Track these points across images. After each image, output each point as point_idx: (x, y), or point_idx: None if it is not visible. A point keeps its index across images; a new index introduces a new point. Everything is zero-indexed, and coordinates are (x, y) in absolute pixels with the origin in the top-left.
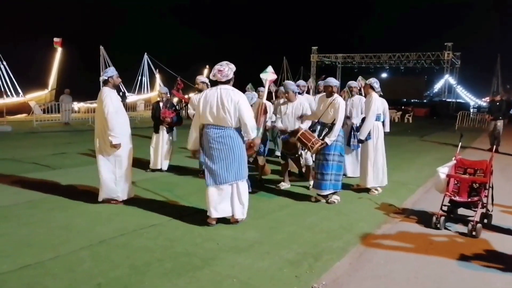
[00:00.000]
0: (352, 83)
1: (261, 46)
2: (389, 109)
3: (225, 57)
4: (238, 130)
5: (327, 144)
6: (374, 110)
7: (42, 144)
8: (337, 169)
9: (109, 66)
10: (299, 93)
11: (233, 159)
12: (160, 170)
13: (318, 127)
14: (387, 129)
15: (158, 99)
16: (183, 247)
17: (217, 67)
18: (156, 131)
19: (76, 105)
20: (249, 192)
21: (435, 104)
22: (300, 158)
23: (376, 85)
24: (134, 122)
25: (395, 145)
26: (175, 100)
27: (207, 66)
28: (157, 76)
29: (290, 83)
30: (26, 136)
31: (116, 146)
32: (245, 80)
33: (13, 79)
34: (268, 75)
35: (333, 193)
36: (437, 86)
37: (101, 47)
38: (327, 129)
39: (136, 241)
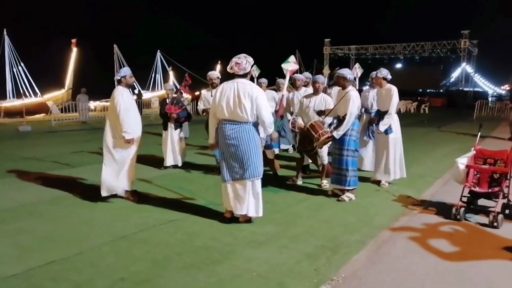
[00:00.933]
0: (373, 73)
1: (273, 40)
2: (404, 99)
3: (236, 52)
4: (255, 125)
5: (334, 137)
6: (396, 103)
7: (61, 142)
8: (352, 164)
9: (123, 65)
10: (304, 86)
11: (249, 155)
12: (176, 166)
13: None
14: None
15: (165, 96)
16: (202, 242)
17: (234, 59)
18: (165, 128)
19: (93, 104)
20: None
21: (452, 93)
22: (317, 156)
23: (389, 76)
24: (149, 119)
25: (411, 136)
26: (187, 96)
27: (220, 62)
28: (170, 73)
29: (319, 76)
30: (45, 135)
31: (130, 141)
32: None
33: (31, 80)
34: (290, 65)
35: (348, 190)
36: (454, 75)
37: (115, 46)
38: (337, 122)
39: (156, 236)
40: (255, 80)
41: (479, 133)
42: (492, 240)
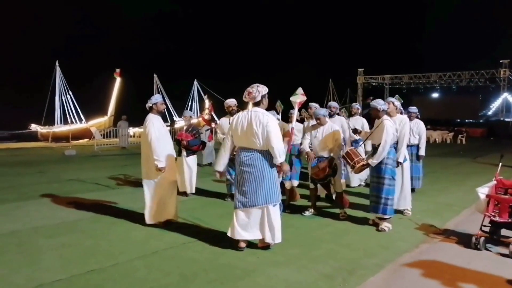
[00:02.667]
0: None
1: (306, 70)
2: (440, 130)
3: (268, 82)
4: (269, 152)
5: (369, 165)
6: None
7: (102, 166)
8: (387, 192)
9: (160, 93)
10: (331, 116)
11: (262, 181)
12: (185, 194)
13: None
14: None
15: (182, 123)
16: (227, 260)
17: (248, 89)
18: (178, 154)
19: (132, 130)
20: (282, 212)
21: (492, 123)
22: (330, 184)
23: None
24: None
25: (444, 166)
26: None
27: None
28: (206, 101)
29: (319, 110)
30: (88, 159)
31: (162, 170)
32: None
33: (78, 108)
34: (298, 97)
35: (385, 219)
36: (494, 105)
37: (155, 75)
38: (372, 150)
39: (185, 253)
40: (280, 115)
41: (500, 163)
42: (511, 270)
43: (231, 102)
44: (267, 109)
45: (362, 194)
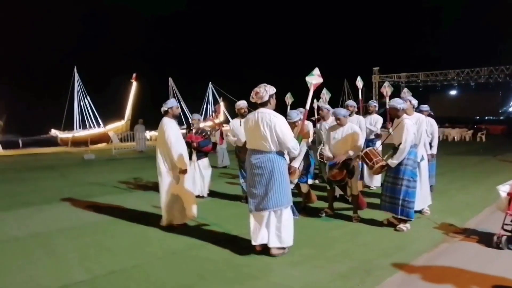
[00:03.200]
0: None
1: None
2: (459, 127)
3: (281, 83)
4: (279, 154)
5: (389, 165)
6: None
7: (121, 169)
8: (405, 194)
9: (176, 97)
10: (349, 115)
11: (273, 184)
12: (200, 196)
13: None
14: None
15: (191, 126)
16: (243, 260)
17: (255, 89)
18: (189, 157)
19: (149, 134)
20: (294, 217)
21: None
22: (347, 186)
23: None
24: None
25: (462, 165)
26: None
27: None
28: (221, 104)
29: (339, 110)
30: (107, 163)
31: (185, 172)
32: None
33: (96, 113)
34: (314, 78)
35: (404, 221)
36: None
37: (170, 79)
38: (392, 150)
39: (202, 254)
40: (288, 107)
41: None
42: None
43: (243, 104)
44: (285, 108)
45: (379, 195)
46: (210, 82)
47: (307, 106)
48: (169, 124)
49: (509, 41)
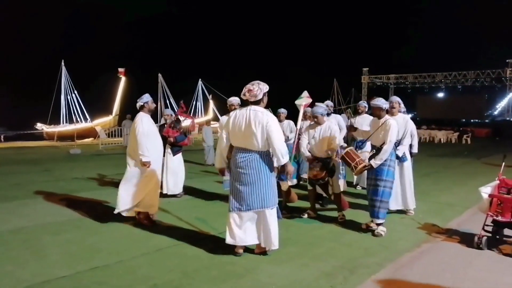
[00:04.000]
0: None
1: (310, 68)
2: (445, 130)
3: (274, 81)
4: (267, 154)
5: (372, 166)
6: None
7: (107, 165)
8: (387, 195)
9: (166, 93)
10: (327, 114)
11: (259, 184)
12: (173, 195)
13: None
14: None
15: (163, 121)
16: (229, 258)
17: (248, 85)
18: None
19: None
20: (278, 218)
21: (498, 124)
22: (329, 184)
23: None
24: (191, 142)
25: (447, 166)
26: (187, 121)
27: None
28: (211, 101)
29: (318, 107)
30: (93, 158)
31: (146, 164)
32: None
33: (83, 107)
34: (303, 100)
35: (380, 224)
36: (500, 105)
37: (159, 75)
38: (374, 151)
39: (187, 251)
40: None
41: (503, 163)
42: None
43: (235, 100)
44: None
45: (363, 195)
46: (200, 79)
47: (298, 125)
48: (141, 118)
49: (495, 46)
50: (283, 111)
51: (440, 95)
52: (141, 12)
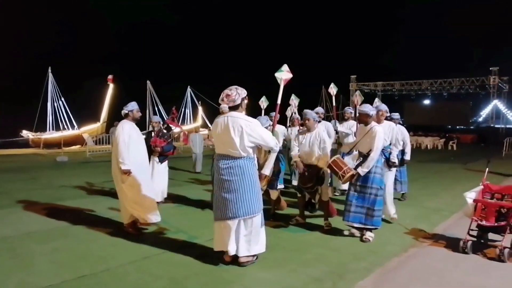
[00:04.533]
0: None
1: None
2: (432, 136)
3: (260, 87)
4: (249, 159)
5: (359, 174)
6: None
7: (95, 172)
8: (374, 203)
9: (155, 100)
10: (318, 121)
11: (243, 191)
12: (160, 202)
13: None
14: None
15: (151, 128)
16: (217, 264)
17: (225, 91)
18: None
19: None
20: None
21: (483, 130)
22: (317, 193)
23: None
24: (178, 151)
25: (434, 172)
26: (176, 130)
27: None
28: (200, 108)
29: (310, 112)
30: (80, 166)
31: (125, 173)
32: (283, 108)
33: (70, 114)
34: (284, 73)
35: (369, 230)
36: (485, 111)
37: (148, 82)
38: (361, 158)
39: (176, 258)
40: (263, 111)
41: (487, 168)
42: (497, 271)
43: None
44: (260, 112)
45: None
46: (188, 86)
47: (279, 100)
48: (123, 125)
49: (479, 54)
50: (273, 115)
51: (427, 102)
52: (129, 19)
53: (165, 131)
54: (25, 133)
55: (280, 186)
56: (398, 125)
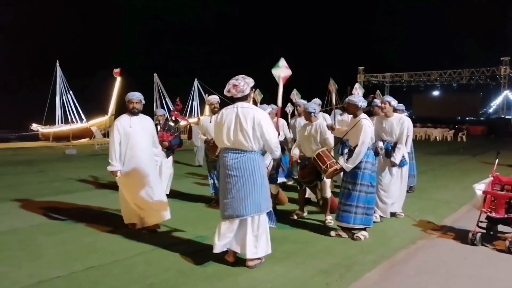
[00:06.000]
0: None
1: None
2: (441, 127)
3: (268, 78)
4: (259, 154)
5: (343, 169)
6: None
7: (103, 165)
8: (365, 201)
9: (162, 93)
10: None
11: (252, 187)
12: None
13: (345, 150)
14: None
15: (156, 122)
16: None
17: (232, 81)
18: None
19: None
20: (272, 227)
21: (493, 121)
22: (317, 188)
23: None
24: (185, 144)
25: (443, 164)
26: (183, 123)
27: (254, 90)
28: (207, 100)
29: (310, 104)
30: (89, 158)
31: (112, 174)
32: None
33: (78, 107)
34: (281, 70)
35: (362, 229)
36: (495, 102)
37: (155, 75)
38: (348, 153)
39: (184, 250)
40: (258, 104)
41: (497, 160)
42: (506, 264)
43: (213, 99)
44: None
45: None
46: (196, 79)
47: (279, 103)
48: (118, 121)
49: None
50: (274, 107)
51: (436, 93)
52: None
53: (172, 124)
54: (35, 127)
55: (282, 179)
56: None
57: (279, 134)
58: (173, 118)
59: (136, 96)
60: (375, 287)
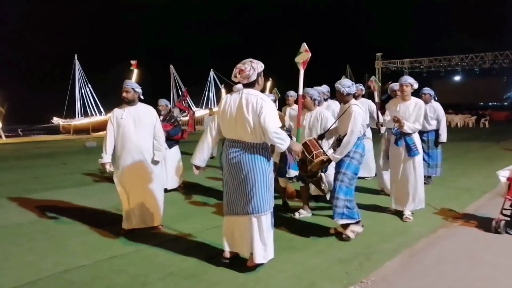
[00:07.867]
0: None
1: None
2: (462, 113)
3: (289, 69)
4: (264, 147)
5: (330, 160)
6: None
7: None
8: (345, 193)
9: (178, 84)
10: (324, 99)
11: (253, 184)
12: (166, 190)
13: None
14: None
15: (163, 112)
16: None
17: (238, 65)
18: None
19: None
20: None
21: None
22: (321, 181)
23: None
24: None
25: (466, 150)
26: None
27: (270, 79)
28: (223, 91)
29: (309, 89)
30: None
31: (103, 166)
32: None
33: (97, 100)
34: (303, 55)
35: (348, 225)
36: None
37: (171, 66)
38: (336, 142)
39: (203, 239)
40: (276, 102)
41: None
42: None
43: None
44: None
45: (370, 182)
46: (211, 69)
47: (300, 91)
48: (111, 115)
49: None
50: (292, 94)
51: (457, 78)
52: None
53: (174, 114)
54: (56, 120)
55: (294, 172)
56: (433, 101)
57: (283, 126)
58: (179, 109)
59: (127, 84)
60: (395, 275)
